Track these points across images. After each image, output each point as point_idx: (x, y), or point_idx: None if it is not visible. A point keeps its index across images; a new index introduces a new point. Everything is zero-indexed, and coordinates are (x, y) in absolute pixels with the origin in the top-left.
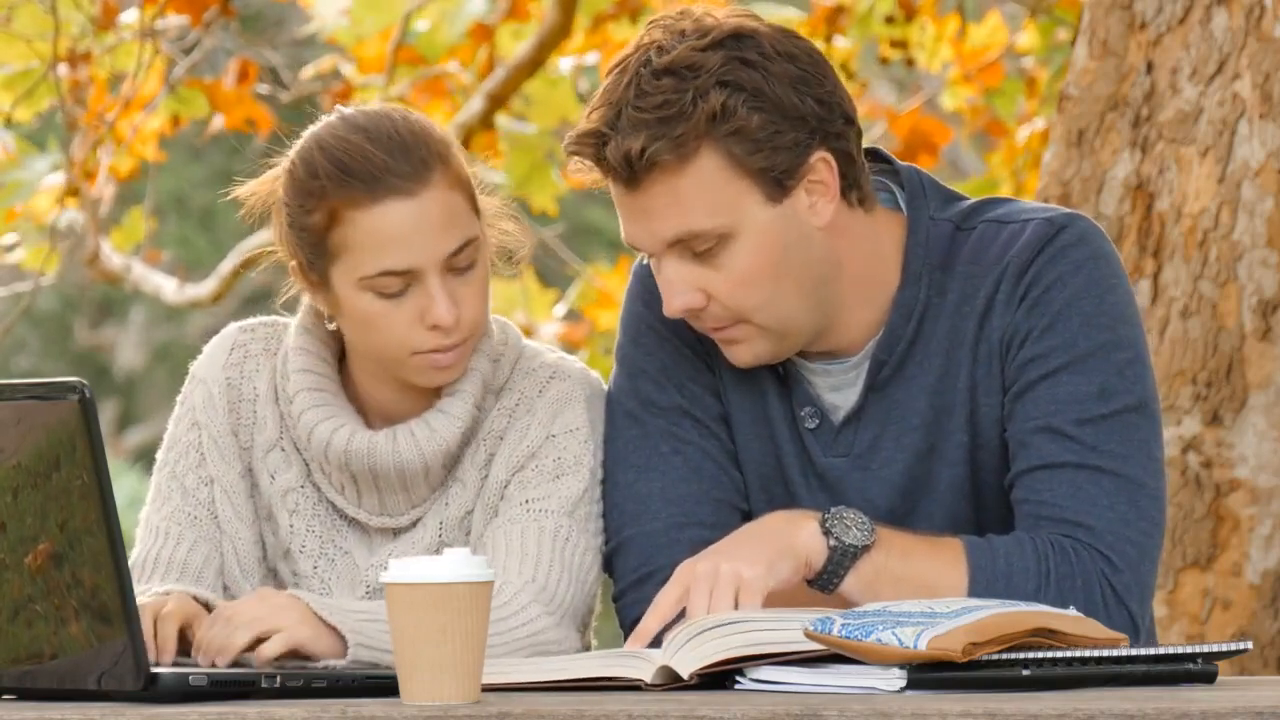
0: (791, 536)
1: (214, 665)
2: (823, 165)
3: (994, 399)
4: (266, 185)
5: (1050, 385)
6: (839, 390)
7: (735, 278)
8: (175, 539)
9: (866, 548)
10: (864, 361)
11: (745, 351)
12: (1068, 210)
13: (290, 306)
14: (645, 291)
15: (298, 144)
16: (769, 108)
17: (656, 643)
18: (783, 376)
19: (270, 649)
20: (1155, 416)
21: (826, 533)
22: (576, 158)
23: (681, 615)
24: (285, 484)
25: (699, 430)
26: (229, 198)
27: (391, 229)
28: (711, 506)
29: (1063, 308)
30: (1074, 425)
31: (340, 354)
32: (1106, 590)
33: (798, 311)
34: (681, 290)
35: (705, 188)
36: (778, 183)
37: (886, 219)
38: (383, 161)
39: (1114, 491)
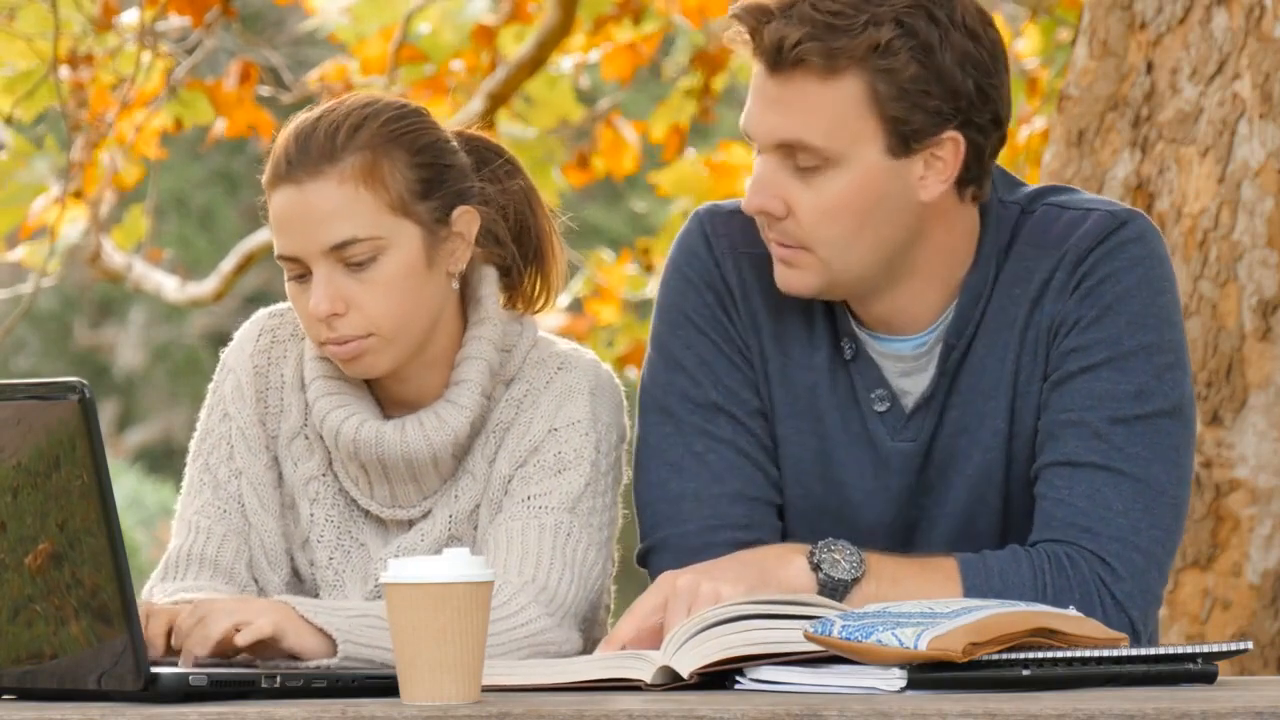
0: (778, 570)
1: (195, 658)
2: (951, 145)
3: (1035, 385)
4: None
5: (1089, 379)
6: (909, 375)
7: (821, 204)
8: (206, 534)
9: (856, 580)
10: (936, 345)
11: (796, 279)
12: (1130, 207)
13: None
14: (683, 282)
15: None
16: (930, 66)
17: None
18: (849, 361)
19: (243, 637)
20: (1189, 423)
21: (815, 567)
22: (736, 25)
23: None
24: (307, 472)
25: (734, 426)
26: None
27: (279, 214)
28: (745, 506)
29: (1113, 302)
30: (1105, 423)
31: None
32: (1106, 597)
33: (862, 262)
34: (768, 195)
35: (836, 108)
36: (904, 139)
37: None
38: (290, 149)
39: (1131, 496)
